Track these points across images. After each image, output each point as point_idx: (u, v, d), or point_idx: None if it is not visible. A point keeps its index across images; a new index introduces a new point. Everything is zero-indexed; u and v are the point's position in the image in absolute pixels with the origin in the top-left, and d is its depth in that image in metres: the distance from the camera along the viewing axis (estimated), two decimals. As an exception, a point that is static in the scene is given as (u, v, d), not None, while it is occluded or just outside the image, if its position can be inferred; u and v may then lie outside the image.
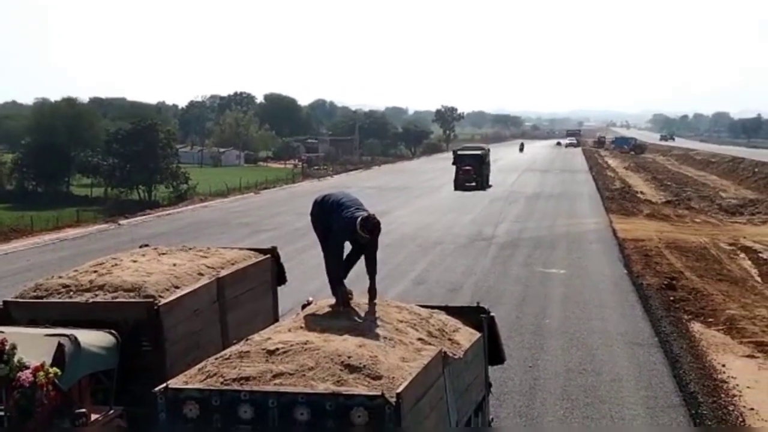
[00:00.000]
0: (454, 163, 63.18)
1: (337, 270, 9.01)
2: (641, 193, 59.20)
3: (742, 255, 30.27)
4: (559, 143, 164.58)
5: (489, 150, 70.68)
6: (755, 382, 15.69)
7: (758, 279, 25.99)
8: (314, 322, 8.38)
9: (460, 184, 59.87)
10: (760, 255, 30.12)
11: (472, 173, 60.70)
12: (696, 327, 19.76)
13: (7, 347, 8.08)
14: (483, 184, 61.07)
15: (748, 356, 17.39)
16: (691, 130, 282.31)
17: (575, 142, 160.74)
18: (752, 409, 14.28)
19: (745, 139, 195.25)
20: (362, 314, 8.58)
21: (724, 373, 16.26)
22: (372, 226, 8.81)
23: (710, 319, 20.36)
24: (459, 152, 66.14)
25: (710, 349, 17.90)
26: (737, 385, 15.51)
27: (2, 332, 8.76)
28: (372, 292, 8.94)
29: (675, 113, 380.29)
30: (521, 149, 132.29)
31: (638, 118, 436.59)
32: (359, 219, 8.80)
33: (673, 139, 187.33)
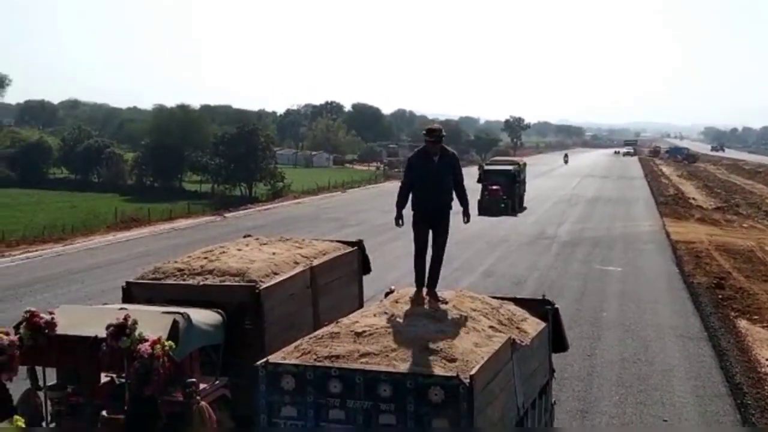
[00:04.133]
0: (479, 181, 44.24)
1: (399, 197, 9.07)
2: (693, 199, 58.02)
3: (787, 258, 29.52)
4: (617, 152, 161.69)
5: (525, 165, 51.87)
6: (797, 376, 15.35)
7: (802, 281, 25.32)
8: (396, 308, 8.42)
9: (484, 208, 40.99)
10: (804, 259, 29.37)
11: (500, 194, 43.05)
12: (742, 323, 19.39)
13: (129, 323, 8.24)
14: (514, 207, 44.08)
15: (790, 351, 17.02)
16: (740, 142, 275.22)
17: (632, 151, 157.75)
18: (794, 400, 13.96)
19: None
20: (440, 302, 8.60)
21: (767, 365, 15.93)
22: (428, 129, 8.90)
23: (755, 317, 20.02)
24: (486, 167, 48.32)
25: (755, 344, 17.57)
26: (780, 377, 15.20)
27: (125, 309, 8.97)
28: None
29: (725, 126, 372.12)
30: (566, 161, 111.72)
31: (691, 130, 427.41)
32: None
33: (723, 150, 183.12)
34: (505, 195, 43.36)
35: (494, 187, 43.34)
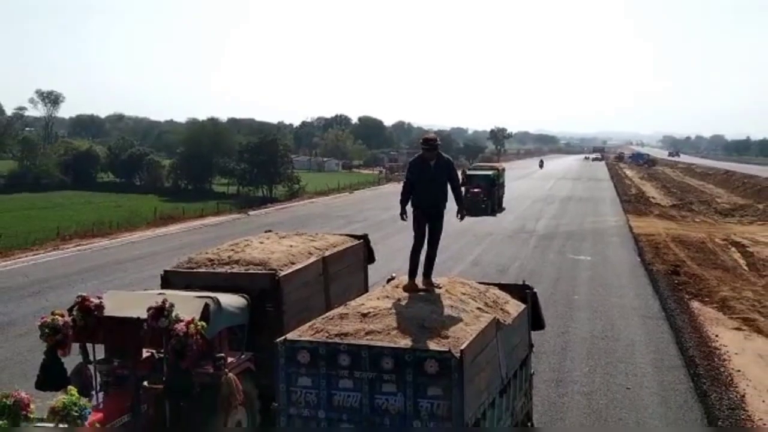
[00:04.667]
0: (462, 184, 32.45)
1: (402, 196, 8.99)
2: (652, 197, 57.99)
3: (733, 249, 29.52)
4: (587, 158, 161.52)
5: (503, 170, 51.41)
6: (741, 350, 15.37)
7: (745, 268, 25.34)
8: (397, 293, 8.43)
9: (466, 209, 40.01)
10: (747, 249, 29.37)
11: (481, 196, 42.07)
12: (695, 305, 19.39)
13: (167, 306, 8.26)
14: (493, 208, 42.95)
15: (736, 329, 17.04)
16: (693, 149, 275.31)
17: (600, 156, 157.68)
18: (739, 371, 13.97)
19: (736, 157, 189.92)
20: (435, 287, 8.60)
21: (717, 341, 15.95)
22: (425, 139, 8.84)
23: (706, 299, 20.00)
24: (468, 172, 46.37)
25: (706, 322, 17.57)
26: (727, 351, 15.22)
27: (163, 294, 8.99)
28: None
29: (680, 135, 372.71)
30: (541, 165, 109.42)
31: (651, 138, 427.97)
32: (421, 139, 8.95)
33: (679, 156, 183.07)
34: (485, 197, 42.23)
35: (476, 190, 42.04)
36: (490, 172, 46.10)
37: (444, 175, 8.80)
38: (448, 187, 8.91)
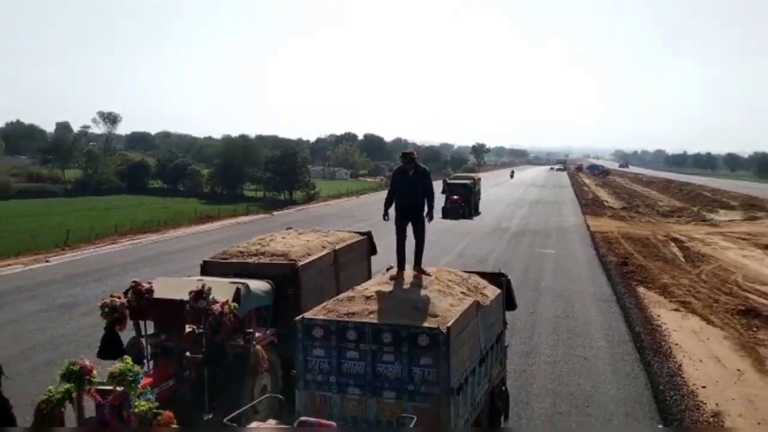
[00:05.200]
0: (443, 192, 40.62)
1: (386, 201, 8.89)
2: (606, 201, 57.92)
3: (672, 244, 29.49)
4: (552, 168, 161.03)
5: (479, 179, 49.03)
6: (679, 327, 15.43)
7: (682, 259, 25.33)
8: (394, 279, 8.41)
9: (447, 213, 38.51)
10: (684, 244, 29.35)
11: (460, 202, 40.24)
12: (640, 290, 19.43)
13: (205, 290, 8.29)
14: (470, 212, 40.90)
15: (674, 310, 17.08)
16: (639, 161, 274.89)
17: (563, 167, 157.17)
18: (676, 344, 14.02)
19: (675, 168, 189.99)
20: (424, 275, 8.59)
21: (658, 320, 16.00)
22: (403, 153, 8.73)
23: (650, 285, 20.05)
24: (449, 181, 44.46)
25: (650, 304, 17.62)
26: (667, 328, 15.27)
27: (202, 280, 9.00)
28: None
29: (629, 149, 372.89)
30: (512, 176, 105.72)
31: (605, 152, 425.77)
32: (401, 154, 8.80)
33: (628, 167, 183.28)
34: (463, 203, 40.61)
35: (455, 197, 40.60)
36: (467, 182, 44.19)
37: (420, 182, 8.60)
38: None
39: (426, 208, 8.75)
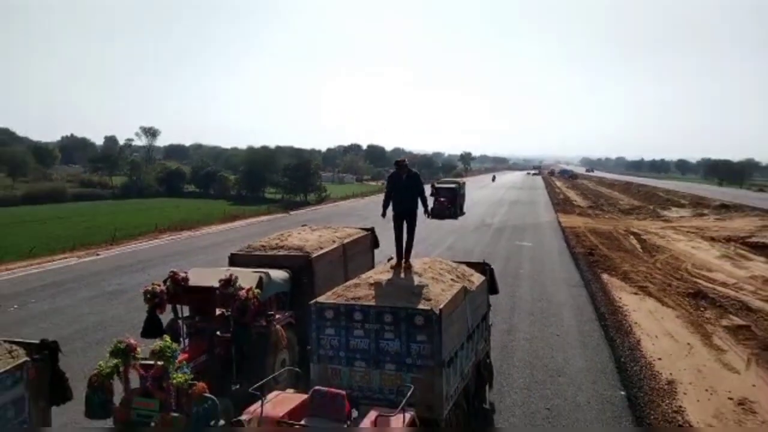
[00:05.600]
0: (431, 195, 38.68)
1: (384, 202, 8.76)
2: (574, 201, 57.79)
3: (632, 237, 29.44)
4: (528, 173, 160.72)
5: (464, 183, 47.60)
6: (638, 308, 15.38)
7: (640, 250, 25.26)
8: (393, 269, 8.40)
9: (435, 214, 34.43)
10: (641, 237, 29.28)
11: (447, 204, 39.01)
12: (605, 276, 19.38)
13: (232, 278, 8.28)
14: (456, 213, 39.48)
15: (634, 293, 17.03)
16: (603, 167, 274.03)
17: (537, 172, 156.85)
18: (635, 323, 14.00)
19: (633, 172, 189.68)
20: (419, 265, 8.58)
21: (620, 302, 15.97)
22: (396, 162, 8.65)
23: (613, 272, 19.98)
24: (437, 185, 42.59)
25: (613, 289, 17.57)
26: (628, 309, 15.23)
27: (230, 270, 9.00)
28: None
29: (594, 156, 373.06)
30: (493, 180, 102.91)
31: (573, 159, 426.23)
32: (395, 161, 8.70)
33: (593, 171, 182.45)
34: (450, 204, 39.24)
35: (442, 199, 39.27)
36: (453, 185, 42.72)
37: (412, 185, 8.55)
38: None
39: (421, 206, 8.71)
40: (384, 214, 8.85)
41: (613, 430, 8.36)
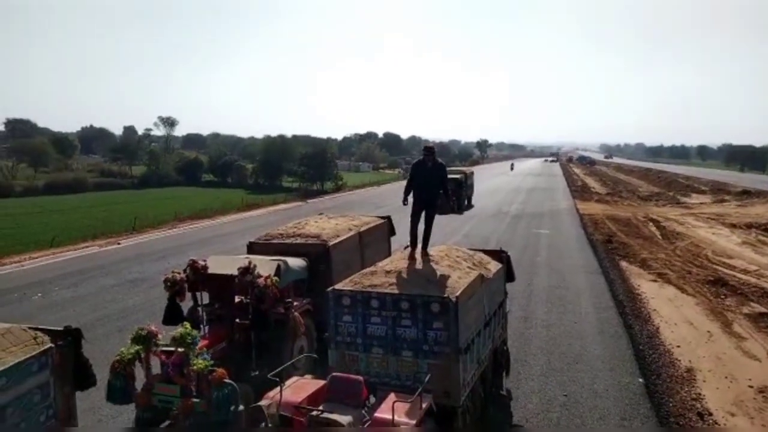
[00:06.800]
0: None
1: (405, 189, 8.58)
2: (593, 188, 57.19)
3: (651, 224, 29.07)
4: (546, 160, 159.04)
5: (472, 173, 43.12)
6: (656, 295, 15.25)
7: (659, 237, 24.96)
8: (410, 256, 8.40)
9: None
10: (661, 224, 28.91)
11: (451, 196, 22.42)
12: (623, 263, 19.20)
13: (251, 266, 8.33)
14: (460, 206, 34.58)
15: (652, 281, 16.87)
16: (622, 153, 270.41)
17: (555, 159, 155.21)
18: (654, 310, 13.87)
19: (653, 158, 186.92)
20: (436, 253, 8.56)
21: (639, 289, 15.84)
22: (425, 147, 8.43)
23: (631, 259, 19.81)
24: None
25: (631, 276, 17.41)
26: (646, 296, 15.10)
27: (249, 258, 9.06)
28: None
29: (613, 142, 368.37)
30: (512, 168, 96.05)
31: (592, 145, 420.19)
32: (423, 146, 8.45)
33: (612, 158, 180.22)
34: (454, 197, 33.08)
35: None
36: (458, 176, 37.41)
37: (437, 174, 8.42)
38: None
39: (444, 197, 8.60)
40: (405, 201, 8.67)
41: (628, 431, 8.25)
